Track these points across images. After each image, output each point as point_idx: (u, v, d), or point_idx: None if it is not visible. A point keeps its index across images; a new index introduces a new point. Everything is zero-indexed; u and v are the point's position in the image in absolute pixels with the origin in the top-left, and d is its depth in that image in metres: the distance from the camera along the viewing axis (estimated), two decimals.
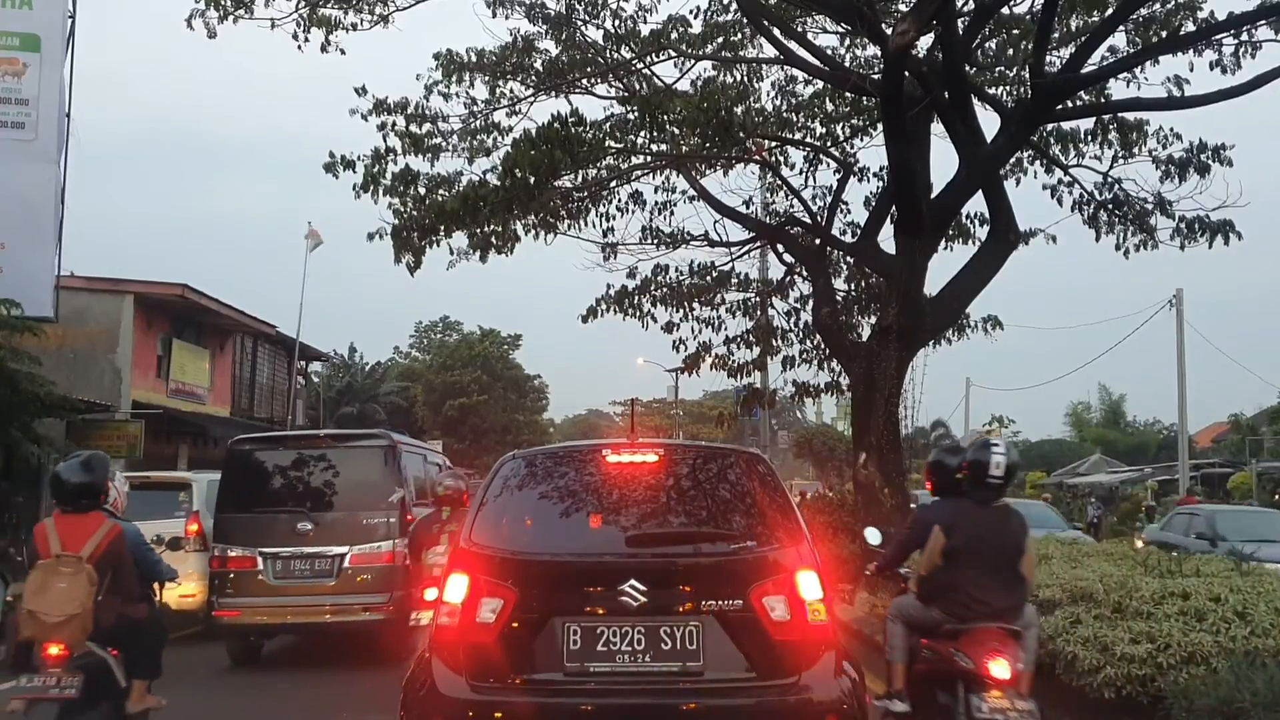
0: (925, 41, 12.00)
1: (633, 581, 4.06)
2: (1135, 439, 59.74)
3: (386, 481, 9.67)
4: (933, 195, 12.14)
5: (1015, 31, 13.65)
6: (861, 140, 15.24)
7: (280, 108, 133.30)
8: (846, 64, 13.80)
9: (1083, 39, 12.00)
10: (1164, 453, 52.24)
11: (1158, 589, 5.86)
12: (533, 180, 12.18)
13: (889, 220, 13.89)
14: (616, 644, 4.04)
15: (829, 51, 13.55)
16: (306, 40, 11.41)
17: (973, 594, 5.07)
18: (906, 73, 10.87)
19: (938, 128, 12.86)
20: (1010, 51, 14.01)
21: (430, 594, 6.03)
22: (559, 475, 4.78)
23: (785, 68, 14.45)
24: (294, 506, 9.59)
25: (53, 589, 5.16)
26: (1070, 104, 12.32)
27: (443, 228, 13.00)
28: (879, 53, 13.97)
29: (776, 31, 12.55)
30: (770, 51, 13.72)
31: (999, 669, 4.77)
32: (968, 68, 12.04)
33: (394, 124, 13.24)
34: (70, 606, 5.12)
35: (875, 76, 12.71)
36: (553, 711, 4.00)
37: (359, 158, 12.96)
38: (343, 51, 11.63)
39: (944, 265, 13.02)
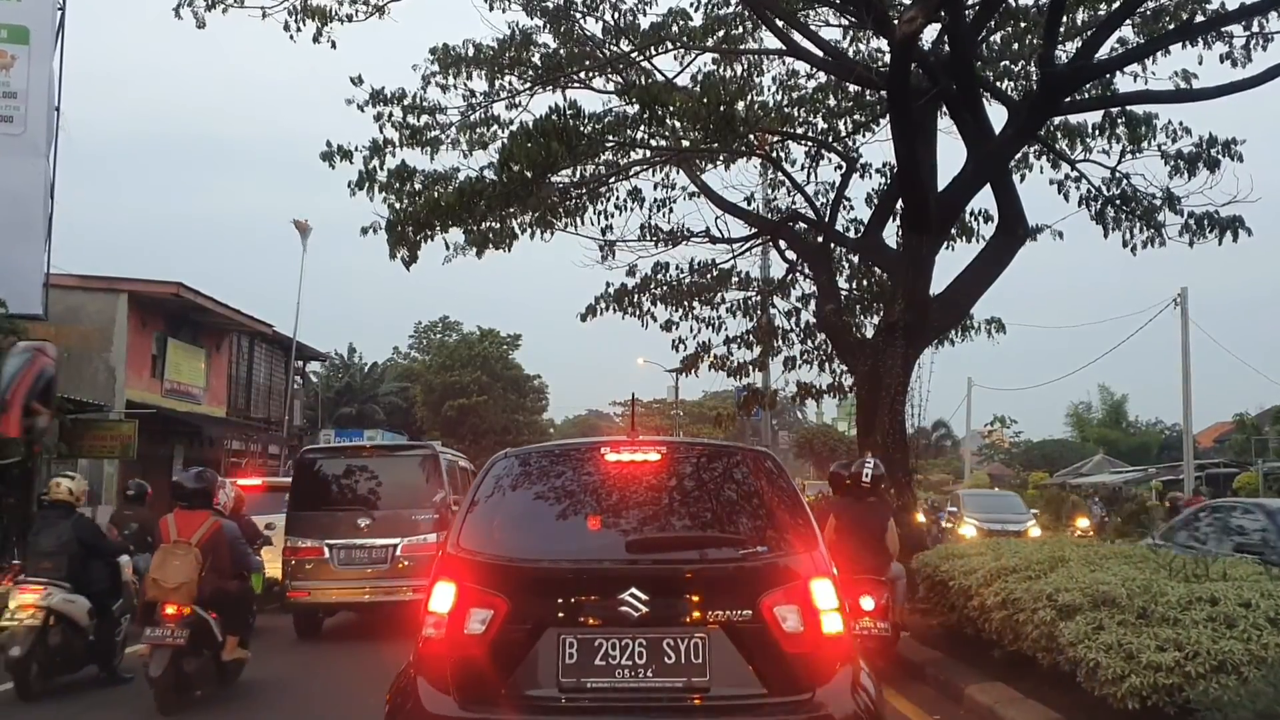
0: (930, 35, 11.79)
1: (633, 590, 3.76)
2: (1137, 439, 59.48)
3: (430, 484, 11.22)
4: (939, 190, 11.92)
5: (1022, 24, 13.43)
6: (864, 136, 15.08)
7: (280, 106, 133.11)
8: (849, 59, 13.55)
9: (1090, 32, 11.78)
10: (1166, 453, 51.98)
11: (1184, 593, 5.57)
12: (529, 175, 11.96)
13: (893, 218, 13.70)
14: (616, 657, 3.72)
15: (832, 45, 13.31)
16: (299, 30, 11.14)
17: (852, 558, 7.52)
18: (913, 64, 10.64)
19: (943, 123, 12.68)
20: (1015, 45, 13.80)
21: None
22: (554, 475, 4.47)
23: (787, 62, 14.26)
24: (354, 505, 11.25)
25: (170, 565, 7.13)
26: (1078, 96, 12.10)
27: (438, 223, 12.76)
28: (882, 47, 13.80)
29: (780, 22, 12.31)
30: (772, 44, 13.51)
31: (866, 603, 7.63)
32: (975, 61, 11.80)
33: (390, 115, 13.02)
34: (181, 577, 7.09)
35: (880, 69, 12.49)
36: None
37: (356, 148, 12.77)
38: (334, 45, 11.35)
39: (947, 264, 12.84)
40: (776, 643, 3.75)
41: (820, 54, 12.74)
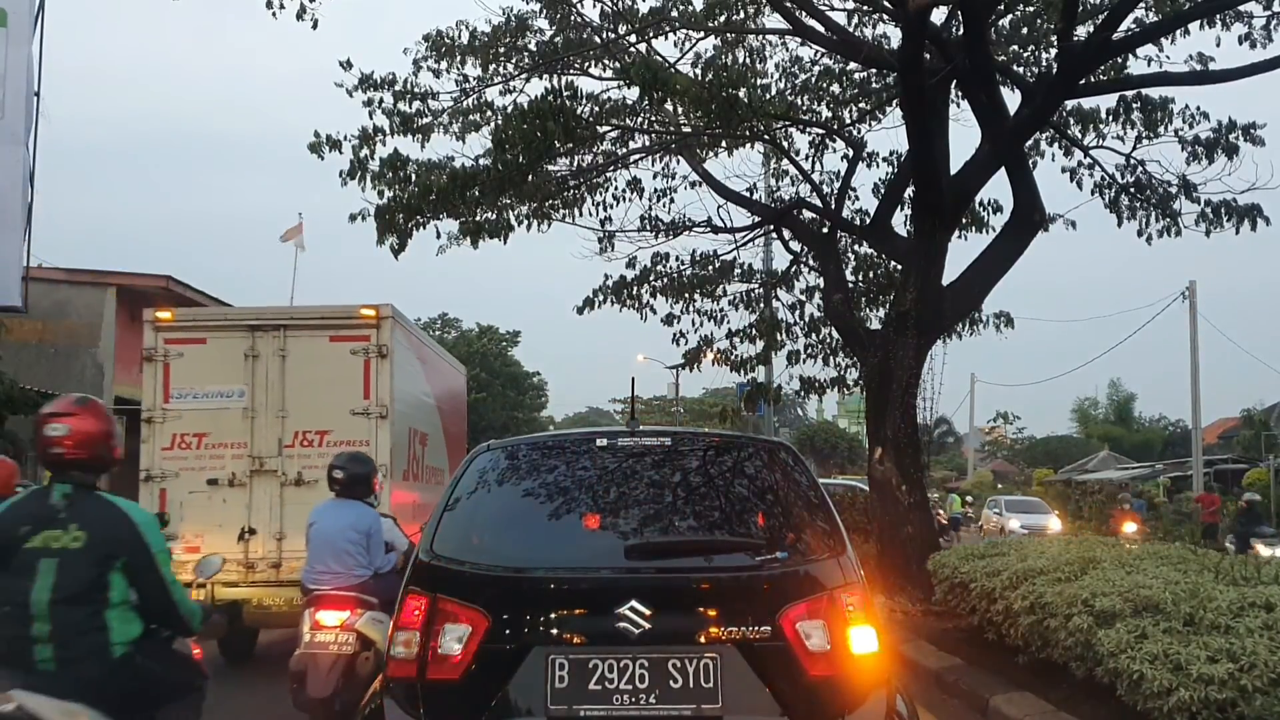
0: (938, 18, 11.33)
1: (634, 603, 3.30)
2: (1140, 435, 59.08)
3: None
4: (952, 174, 11.49)
5: (1030, 9, 13.02)
6: (869, 124, 14.65)
7: (277, 102, 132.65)
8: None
9: (1105, 14, 11.36)
10: (1170, 449, 51.54)
11: (1235, 598, 5.13)
12: (524, 159, 11.51)
13: (901, 207, 13.31)
14: (614, 681, 3.26)
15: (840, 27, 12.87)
16: (282, 8, 10.65)
17: None
18: (925, 41, 10.20)
19: (954, 111, 12.26)
20: (1026, 30, 13.38)
21: None
22: (543, 470, 3.99)
23: (790, 48, 13.88)
24: None
25: None
26: (1094, 79, 11.68)
27: (430, 210, 12.32)
28: (887, 33, 13.39)
29: (788, 2, 11.86)
30: (776, 26, 13.08)
31: None
32: (989, 34, 11.37)
33: (381, 101, 12.59)
34: None
35: (889, 51, 12.06)
36: None
37: (345, 137, 12.34)
38: (315, 24, 10.84)
39: (955, 256, 12.43)
40: (799, 664, 3.28)
41: (827, 33, 12.31)
